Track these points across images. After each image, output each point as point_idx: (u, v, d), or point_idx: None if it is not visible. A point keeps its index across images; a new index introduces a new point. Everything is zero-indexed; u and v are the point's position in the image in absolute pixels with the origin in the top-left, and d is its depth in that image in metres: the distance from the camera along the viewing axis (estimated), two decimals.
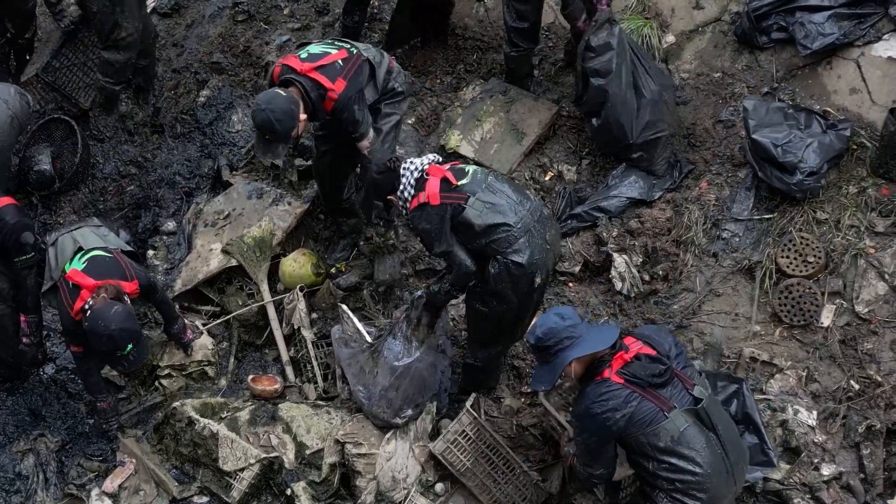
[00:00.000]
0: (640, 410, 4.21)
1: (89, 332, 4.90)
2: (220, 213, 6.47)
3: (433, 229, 4.85)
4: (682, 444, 4.22)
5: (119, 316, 4.89)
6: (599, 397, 4.24)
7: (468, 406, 5.22)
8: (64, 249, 5.33)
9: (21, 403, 5.84)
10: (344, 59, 5.29)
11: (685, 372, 4.41)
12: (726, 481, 4.33)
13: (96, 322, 4.87)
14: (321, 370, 5.81)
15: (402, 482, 5.27)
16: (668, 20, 6.56)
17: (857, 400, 5.23)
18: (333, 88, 5.20)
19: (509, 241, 4.82)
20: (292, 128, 5.16)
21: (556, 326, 4.35)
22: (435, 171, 4.92)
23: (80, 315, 5.01)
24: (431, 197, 4.84)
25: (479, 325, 5.20)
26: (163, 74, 7.25)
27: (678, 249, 5.82)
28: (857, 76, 5.98)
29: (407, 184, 4.94)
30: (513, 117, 6.49)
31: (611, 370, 4.29)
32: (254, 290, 6.12)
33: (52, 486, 5.54)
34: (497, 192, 4.90)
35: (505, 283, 4.88)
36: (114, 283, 5.06)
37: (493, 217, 4.82)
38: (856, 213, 5.59)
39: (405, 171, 4.96)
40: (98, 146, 6.96)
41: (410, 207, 4.92)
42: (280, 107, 5.09)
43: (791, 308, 5.49)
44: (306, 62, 5.23)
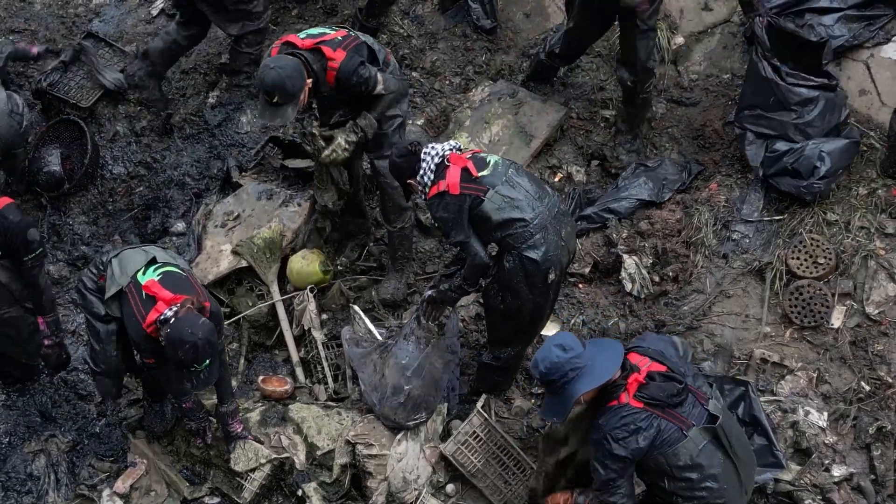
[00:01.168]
0: (663, 432, 4.17)
1: (173, 340, 4.60)
2: (229, 215, 6.47)
3: (450, 218, 4.88)
4: (701, 462, 4.19)
5: (206, 327, 4.65)
6: (621, 422, 4.18)
7: (479, 407, 5.24)
8: (132, 260, 5.04)
9: (31, 404, 5.84)
10: (343, 36, 5.39)
11: (696, 383, 4.38)
12: (739, 494, 4.34)
13: (183, 329, 4.59)
14: (331, 371, 5.81)
15: (413, 483, 5.28)
16: (678, 21, 6.58)
17: (868, 401, 5.25)
18: (334, 57, 5.27)
19: (525, 237, 4.84)
20: (301, 88, 5.23)
21: (558, 361, 4.24)
22: (456, 159, 4.93)
23: (153, 327, 4.75)
24: (451, 186, 4.86)
25: (497, 323, 5.22)
26: (171, 76, 7.26)
27: (688, 251, 5.84)
28: (866, 78, 6.00)
29: (427, 169, 4.96)
30: (521, 119, 6.51)
31: (627, 394, 4.21)
32: (264, 291, 6.13)
33: (63, 487, 5.53)
34: (516, 185, 4.91)
35: (519, 278, 4.90)
36: (197, 299, 4.82)
37: (510, 212, 4.84)
38: (866, 214, 5.61)
39: (426, 155, 4.98)
40: (107, 147, 6.97)
41: (430, 194, 4.95)
42: (289, 65, 5.19)
43: (801, 309, 5.51)
44: (306, 39, 5.34)
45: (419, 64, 6.92)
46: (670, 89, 6.38)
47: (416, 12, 7.18)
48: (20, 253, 5.28)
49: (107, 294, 4.99)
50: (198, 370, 4.67)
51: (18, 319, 5.49)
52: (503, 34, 6.97)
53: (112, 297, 4.97)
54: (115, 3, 7.73)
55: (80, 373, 5.99)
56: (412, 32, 7.11)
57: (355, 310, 5.65)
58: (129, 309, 4.88)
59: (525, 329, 5.24)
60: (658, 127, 6.31)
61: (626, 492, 4.32)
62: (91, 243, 6.71)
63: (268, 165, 6.71)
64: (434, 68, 6.93)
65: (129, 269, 4.97)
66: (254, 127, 6.91)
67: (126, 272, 4.97)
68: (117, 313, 4.99)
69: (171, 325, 4.64)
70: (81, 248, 6.67)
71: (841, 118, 5.73)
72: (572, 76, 6.68)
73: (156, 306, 4.75)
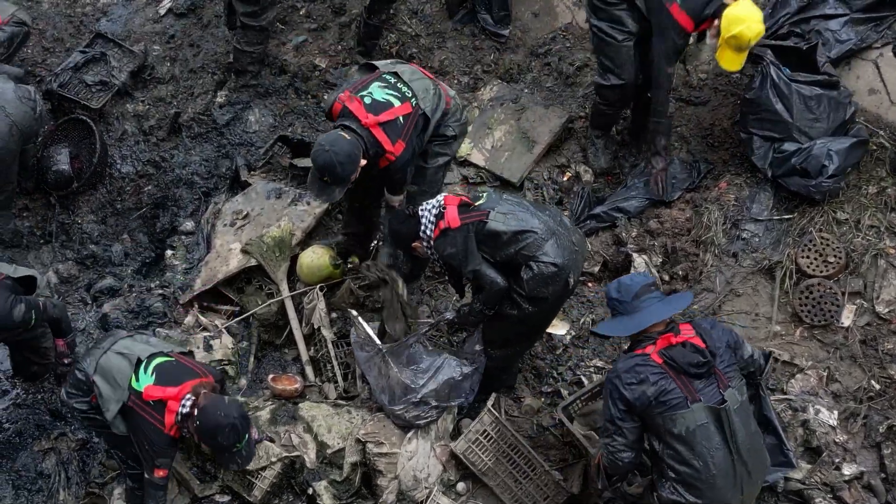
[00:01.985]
0: (667, 392, 4.26)
1: (209, 429, 4.45)
2: (238, 213, 6.48)
3: (459, 251, 4.88)
4: (695, 438, 4.25)
5: (234, 404, 4.54)
6: (634, 368, 4.32)
7: (489, 406, 5.23)
8: (117, 369, 4.73)
9: (41, 403, 5.85)
10: (405, 115, 5.11)
11: (727, 372, 4.40)
12: (732, 489, 4.34)
13: (215, 415, 4.44)
14: (341, 370, 5.82)
15: (423, 481, 5.28)
16: None
17: (878, 400, 5.25)
18: (393, 151, 5.10)
19: (538, 245, 4.83)
20: (352, 172, 5.03)
21: (608, 293, 4.52)
22: (451, 199, 4.98)
23: (176, 427, 4.58)
24: (451, 221, 4.88)
25: (503, 328, 5.20)
26: (179, 74, 7.27)
27: (698, 249, 5.85)
28: (875, 77, 6.00)
29: (427, 223, 4.98)
30: (523, 125, 6.52)
31: (654, 347, 4.34)
32: (273, 289, 6.14)
33: (73, 485, 5.55)
34: (514, 204, 4.96)
35: (541, 287, 4.88)
36: (203, 381, 4.65)
37: (517, 224, 4.84)
38: (876, 213, 5.62)
39: (423, 212, 5.01)
40: (116, 146, 6.98)
41: (433, 238, 4.95)
42: (344, 150, 4.96)
43: (811, 308, 5.51)
44: (370, 113, 5.05)
45: (427, 63, 6.93)
46: (679, 89, 6.38)
47: (425, 11, 7.19)
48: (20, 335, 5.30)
49: (109, 415, 4.70)
50: (240, 448, 4.55)
51: (45, 336, 5.58)
52: (512, 33, 6.98)
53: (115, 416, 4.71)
54: (123, 2, 7.76)
55: None
56: (420, 31, 7.12)
57: (354, 315, 5.66)
58: (142, 421, 4.63)
59: (529, 334, 5.28)
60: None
61: (626, 440, 4.38)
62: (100, 242, 6.73)
63: (276, 164, 6.72)
64: (442, 67, 6.94)
65: (120, 381, 4.69)
66: (262, 126, 6.92)
67: (119, 385, 4.70)
68: (124, 431, 4.75)
69: (199, 417, 4.48)
70: (90, 247, 6.69)
71: (846, 116, 5.73)
72: (581, 75, 6.68)
73: (168, 406, 4.58)
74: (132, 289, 6.36)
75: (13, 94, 6.07)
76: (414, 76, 5.27)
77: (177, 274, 6.41)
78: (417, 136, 5.22)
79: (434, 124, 5.28)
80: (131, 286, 6.38)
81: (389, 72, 5.24)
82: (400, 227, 5.10)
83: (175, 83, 7.22)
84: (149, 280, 6.48)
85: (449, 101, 5.37)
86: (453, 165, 6.40)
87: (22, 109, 6.05)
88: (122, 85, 7.11)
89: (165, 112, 7.10)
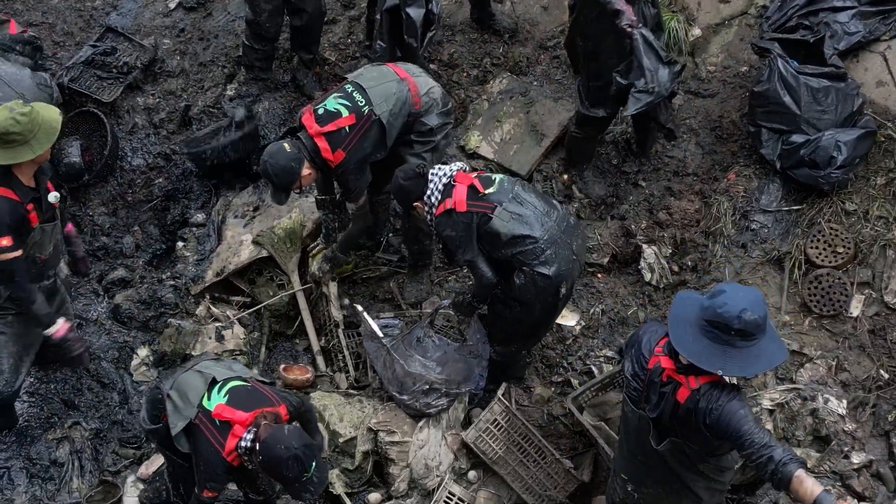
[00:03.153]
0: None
1: (271, 461, 4.28)
2: (249, 205, 6.52)
3: (458, 237, 4.90)
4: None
5: (296, 433, 4.35)
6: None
7: (500, 395, 5.26)
8: (191, 386, 4.61)
9: (55, 393, 5.88)
10: (351, 125, 5.31)
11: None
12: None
13: (276, 447, 4.27)
14: (352, 359, 5.85)
15: (434, 470, 5.32)
16: (695, 13, 6.60)
17: (887, 389, 5.28)
18: (332, 159, 5.34)
19: (536, 254, 4.86)
20: (290, 182, 5.32)
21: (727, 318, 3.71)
22: (462, 178, 4.97)
23: (235, 454, 4.41)
24: (458, 203, 4.89)
25: (498, 326, 5.28)
26: (189, 68, 7.30)
27: (707, 240, 5.88)
28: (883, 69, 6.02)
29: (434, 189, 4.98)
30: (532, 118, 6.54)
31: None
32: (284, 280, 6.17)
33: (87, 474, 5.58)
34: (524, 202, 4.94)
35: (530, 294, 4.93)
36: (269, 410, 4.51)
37: (519, 228, 4.86)
38: (884, 204, 5.64)
39: (433, 176, 5.01)
40: (126, 139, 7.01)
41: (436, 213, 4.97)
42: (279, 163, 5.25)
43: (820, 298, 5.54)
44: (316, 124, 5.32)
45: (437, 56, 6.95)
46: (688, 81, 6.41)
47: None
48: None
49: (174, 431, 4.55)
50: (308, 476, 4.36)
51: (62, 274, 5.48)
52: (521, 26, 7.00)
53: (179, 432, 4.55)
54: None
55: (102, 361, 6.03)
56: None
57: (359, 309, 5.70)
58: (204, 441, 4.47)
59: (526, 335, 5.31)
60: (676, 118, 6.33)
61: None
62: (111, 234, 6.75)
63: None
64: (452, 60, 6.96)
65: (192, 398, 4.56)
66: (272, 118, 6.94)
67: (191, 402, 4.56)
68: (186, 449, 4.58)
69: (261, 451, 4.32)
70: (102, 239, 6.71)
71: (854, 108, 5.76)
72: None
73: (232, 430, 4.42)
74: (144, 280, 6.39)
75: (31, 81, 6.15)
76: (377, 82, 5.42)
77: (188, 265, 6.44)
78: (375, 142, 5.39)
79: (401, 125, 5.42)
80: (143, 277, 6.41)
81: (353, 82, 5.45)
82: (406, 184, 5.04)
83: (185, 76, 7.25)
84: (160, 271, 6.51)
85: (418, 101, 5.45)
86: (463, 157, 6.44)
87: (40, 96, 6.11)
88: (133, 78, 7.14)
89: (176, 105, 7.13)
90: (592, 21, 5.49)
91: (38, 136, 4.75)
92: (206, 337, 5.92)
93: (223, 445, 4.40)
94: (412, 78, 5.50)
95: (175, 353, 5.93)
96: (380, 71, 5.52)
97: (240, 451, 4.39)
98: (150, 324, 6.17)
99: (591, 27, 5.53)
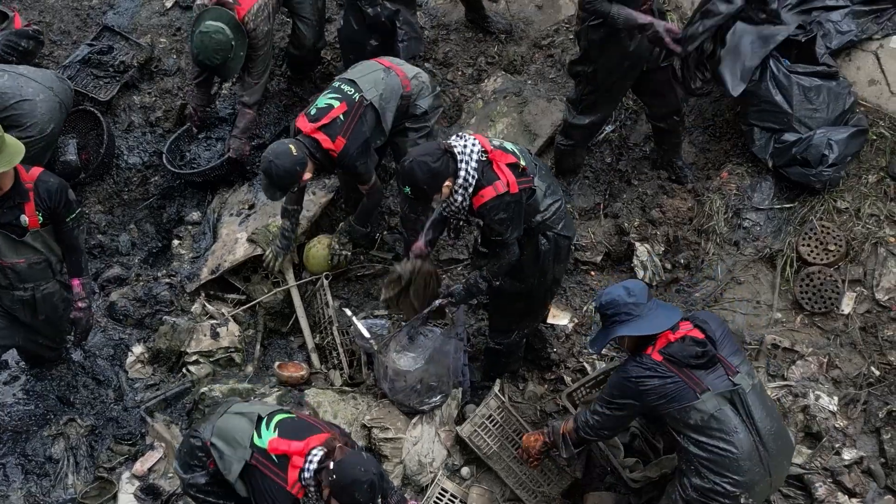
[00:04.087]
0: (671, 387, 4.34)
1: (345, 486, 4.08)
2: (244, 203, 6.54)
3: (511, 217, 4.74)
4: (713, 425, 4.32)
5: (372, 460, 4.22)
6: (634, 368, 4.43)
7: (496, 391, 5.29)
8: (237, 428, 4.42)
9: (50, 389, 5.90)
10: (344, 112, 5.43)
11: (732, 359, 4.47)
12: (759, 468, 4.40)
13: (354, 470, 4.10)
14: (347, 357, 5.87)
15: (428, 466, 5.34)
16: (688, 13, 6.62)
17: (878, 386, 5.31)
18: (333, 148, 5.42)
19: (560, 216, 4.95)
20: (290, 184, 5.44)
21: (618, 299, 4.48)
22: (498, 155, 4.72)
23: (299, 485, 4.22)
24: (512, 185, 4.69)
25: (507, 307, 5.26)
26: (185, 67, 7.32)
27: (700, 238, 5.90)
28: (875, 68, 6.06)
29: (468, 167, 4.64)
30: (526, 118, 6.57)
31: (654, 348, 4.42)
32: (279, 278, 6.19)
33: (82, 470, 5.59)
34: (541, 169, 4.99)
35: (552, 257, 4.99)
36: (329, 435, 4.33)
37: (551, 197, 4.91)
38: (876, 202, 5.67)
39: (462, 154, 4.65)
40: (123, 137, 7.03)
41: (483, 198, 4.66)
42: (283, 165, 5.33)
43: (812, 295, 5.57)
44: (311, 122, 5.44)
45: (432, 55, 6.99)
46: None
47: (429, 4, 7.24)
48: (62, 214, 5.26)
49: (232, 476, 4.36)
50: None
51: (55, 295, 5.52)
52: (515, 25, 7.03)
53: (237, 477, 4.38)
54: None
55: (97, 358, 6.05)
56: (425, 24, 7.17)
57: (348, 314, 5.72)
58: (264, 480, 4.31)
59: (533, 310, 5.32)
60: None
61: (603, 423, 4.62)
62: (107, 232, 6.78)
63: None
64: (447, 59, 6.99)
65: (241, 440, 4.37)
66: (267, 118, 6.97)
67: (241, 443, 4.38)
68: (244, 493, 4.42)
69: (336, 471, 4.13)
70: (98, 237, 6.74)
71: (846, 106, 5.79)
72: None
73: (291, 462, 4.24)
74: (139, 278, 6.41)
75: (53, 75, 6.34)
76: (365, 71, 5.60)
77: (184, 263, 6.47)
78: (372, 127, 5.52)
79: (394, 108, 5.55)
80: (138, 275, 6.44)
81: (341, 78, 5.62)
82: (436, 167, 4.61)
83: (181, 75, 7.27)
84: (156, 269, 6.54)
85: (408, 84, 5.62)
86: None
87: (63, 87, 6.30)
88: (130, 77, 7.17)
89: (172, 104, 7.15)
90: (597, 45, 5.57)
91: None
92: (200, 334, 5.94)
93: (286, 480, 4.24)
94: (398, 66, 5.67)
95: (170, 350, 5.96)
96: (365, 64, 5.71)
97: (303, 481, 4.21)
98: (145, 321, 6.20)
99: (594, 50, 5.61)
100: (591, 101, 5.83)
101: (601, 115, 5.95)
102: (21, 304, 5.42)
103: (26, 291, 5.39)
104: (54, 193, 5.18)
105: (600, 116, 5.95)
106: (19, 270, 5.30)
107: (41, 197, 5.15)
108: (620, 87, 5.82)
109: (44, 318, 5.52)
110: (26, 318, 5.49)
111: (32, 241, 5.24)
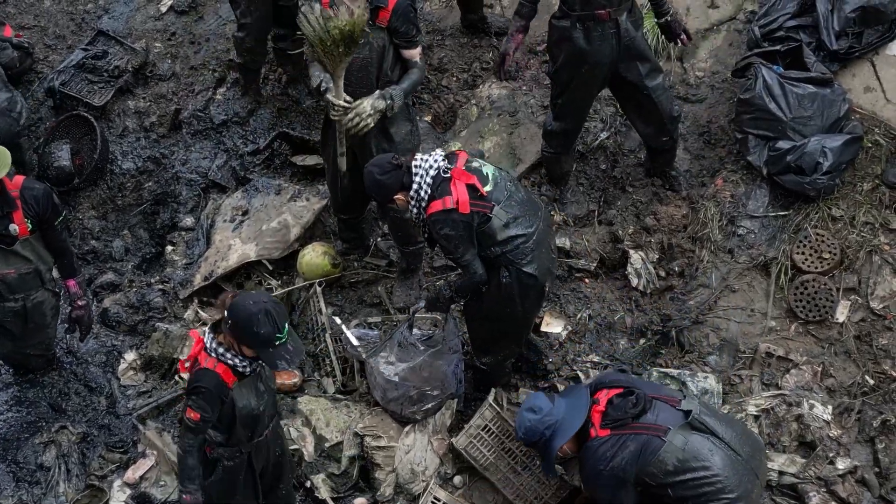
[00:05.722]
0: (637, 446, 4.34)
1: (243, 323, 4.11)
2: (238, 209, 6.53)
3: (458, 236, 4.75)
4: (690, 459, 4.33)
5: (262, 293, 4.18)
6: (596, 455, 4.44)
7: (491, 401, 5.26)
8: None
9: (42, 396, 5.89)
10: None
11: (660, 392, 4.55)
12: (747, 477, 4.40)
13: (245, 305, 4.12)
14: (340, 364, 5.86)
15: (420, 474, 5.33)
16: (684, 19, 6.59)
17: (872, 395, 5.30)
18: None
19: (524, 253, 4.82)
20: None
21: (531, 424, 4.56)
22: (459, 173, 4.76)
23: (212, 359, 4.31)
24: (462, 204, 4.70)
25: (480, 327, 5.21)
26: (180, 72, 7.31)
27: (694, 246, 5.89)
28: (871, 75, 6.04)
29: (422, 182, 4.76)
30: (514, 141, 6.51)
31: (595, 427, 4.46)
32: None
33: (73, 478, 5.59)
34: (516, 201, 4.86)
35: (515, 292, 4.90)
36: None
37: (514, 229, 4.80)
38: (870, 210, 5.66)
39: (418, 168, 4.78)
40: (116, 143, 7.02)
41: (431, 210, 4.76)
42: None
43: (806, 304, 5.55)
44: None
45: (426, 60, 6.95)
46: (676, 86, 6.41)
47: (424, 10, 7.22)
48: (51, 218, 5.28)
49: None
50: (283, 339, 4.17)
51: (45, 304, 5.52)
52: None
53: None
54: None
55: (89, 365, 6.04)
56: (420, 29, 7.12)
57: (337, 322, 5.70)
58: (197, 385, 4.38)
59: (509, 336, 5.22)
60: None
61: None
62: (100, 237, 6.77)
63: (276, 161, 6.75)
64: (441, 65, 6.97)
65: None
66: (261, 124, 6.96)
67: None
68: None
69: (230, 315, 4.17)
70: (91, 243, 6.73)
71: (840, 113, 5.77)
72: None
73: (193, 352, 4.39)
74: (132, 284, 6.41)
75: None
76: None
77: (177, 269, 6.45)
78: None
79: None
80: (132, 281, 6.43)
81: None
82: (382, 179, 4.77)
83: (176, 80, 7.26)
84: (149, 275, 6.53)
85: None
86: None
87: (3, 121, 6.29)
88: (124, 82, 7.15)
89: (166, 109, 7.13)
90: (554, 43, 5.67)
91: None
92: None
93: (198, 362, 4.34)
94: None
95: (163, 357, 5.95)
96: None
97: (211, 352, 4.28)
98: (138, 328, 6.19)
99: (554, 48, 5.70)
100: (560, 105, 5.79)
101: (572, 122, 5.86)
102: (12, 315, 5.42)
103: (17, 302, 5.39)
104: (41, 199, 5.18)
105: (571, 123, 5.86)
106: (9, 282, 5.30)
107: (28, 204, 5.15)
108: (585, 92, 5.71)
109: (32, 327, 5.51)
110: (16, 329, 5.48)
111: (22, 250, 5.24)
